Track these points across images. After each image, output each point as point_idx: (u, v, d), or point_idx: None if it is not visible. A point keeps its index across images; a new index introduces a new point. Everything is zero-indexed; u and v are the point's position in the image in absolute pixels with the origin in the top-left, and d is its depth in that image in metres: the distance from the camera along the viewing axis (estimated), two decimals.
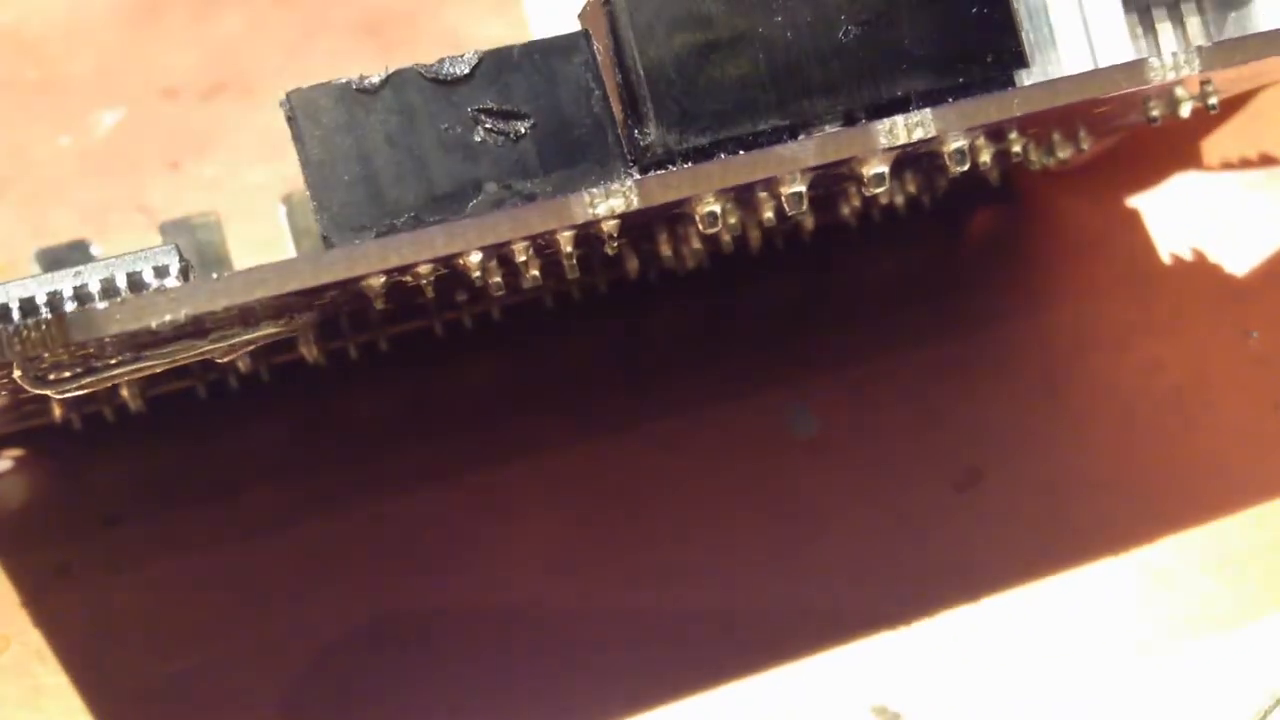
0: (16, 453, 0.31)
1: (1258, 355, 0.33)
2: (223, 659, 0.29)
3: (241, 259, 0.30)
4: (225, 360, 0.20)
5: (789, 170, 0.19)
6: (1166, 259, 0.35)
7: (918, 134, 0.19)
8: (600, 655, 0.29)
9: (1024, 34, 0.21)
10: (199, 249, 0.30)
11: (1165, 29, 0.21)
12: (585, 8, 0.20)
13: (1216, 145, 0.36)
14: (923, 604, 0.30)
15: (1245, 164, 0.36)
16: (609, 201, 0.19)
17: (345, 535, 0.31)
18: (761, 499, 0.31)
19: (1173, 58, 0.21)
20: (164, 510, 0.31)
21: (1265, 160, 0.36)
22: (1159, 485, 0.32)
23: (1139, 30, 0.21)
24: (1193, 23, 0.21)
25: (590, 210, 0.19)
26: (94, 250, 0.29)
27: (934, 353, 0.33)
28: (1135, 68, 0.21)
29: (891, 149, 0.20)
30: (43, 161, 0.34)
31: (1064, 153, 0.30)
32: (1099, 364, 0.33)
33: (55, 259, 0.28)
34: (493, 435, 0.32)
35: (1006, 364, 0.33)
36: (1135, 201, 0.35)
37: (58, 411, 0.30)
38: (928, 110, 0.19)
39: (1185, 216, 0.35)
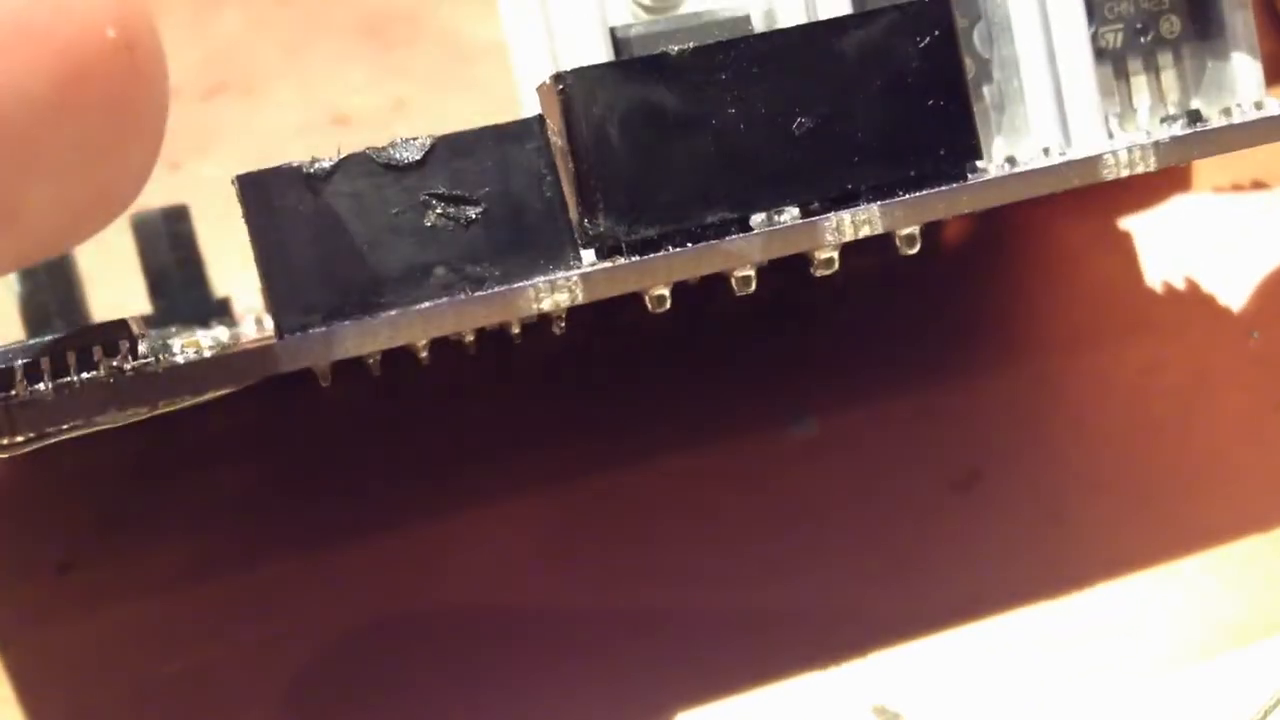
0: (16, 451, 0.32)
1: (1258, 355, 0.33)
2: (223, 659, 0.29)
3: (239, 255, 0.31)
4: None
5: (735, 265, 0.19)
6: (1167, 258, 0.34)
7: (864, 231, 0.19)
8: (598, 655, 0.30)
9: (994, 85, 0.20)
10: (172, 238, 0.30)
11: (1140, 83, 0.21)
12: (540, 87, 0.20)
13: None
14: (922, 604, 0.30)
15: (1244, 161, 0.35)
16: (554, 296, 0.19)
17: (345, 534, 0.31)
18: (761, 499, 0.31)
19: (1128, 154, 0.20)
20: (164, 509, 0.31)
21: (1264, 158, 0.35)
22: (1159, 486, 0.32)
23: (1112, 82, 0.21)
24: (1168, 75, 0.21)
25: (535, 305, 0.19)
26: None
27: (934, 353, 0.33)
28: (1089, 164, 0.20)
29: (838, 245, 0.20)
30: None
31: None
32: (1099, 364, 0.33)
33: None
34: (491, 434, 0.32)
35: (1006, 364, 0.33)
36: (1135, 200, 0.35)
37: None
38: (875, 206, 0.19)
39: (1185, 215, 0.35)
